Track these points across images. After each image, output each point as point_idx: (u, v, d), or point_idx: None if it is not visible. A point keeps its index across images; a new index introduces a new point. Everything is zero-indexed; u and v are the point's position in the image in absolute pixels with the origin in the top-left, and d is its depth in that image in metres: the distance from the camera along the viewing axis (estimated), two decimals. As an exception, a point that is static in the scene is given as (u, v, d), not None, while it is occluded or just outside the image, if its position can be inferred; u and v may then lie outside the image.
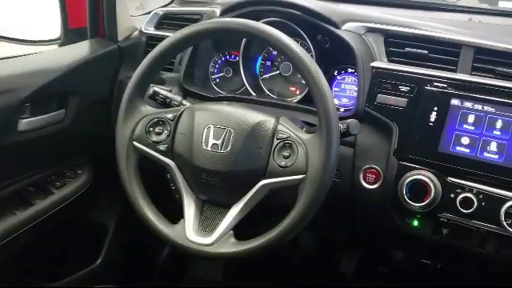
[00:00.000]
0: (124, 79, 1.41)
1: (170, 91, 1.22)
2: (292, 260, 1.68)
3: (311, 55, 1.24)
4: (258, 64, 1.37)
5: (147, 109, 1.10)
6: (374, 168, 1.13)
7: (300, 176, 0.97)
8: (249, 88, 1.34)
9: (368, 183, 1.14)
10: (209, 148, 1.02)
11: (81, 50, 1.41)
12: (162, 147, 1.07)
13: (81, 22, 1.47)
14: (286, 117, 1.05)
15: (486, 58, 1.09)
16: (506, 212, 0.98)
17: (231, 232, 1.02)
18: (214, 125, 1.03)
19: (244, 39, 1.33)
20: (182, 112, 1.08)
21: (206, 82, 1.40)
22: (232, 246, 1.00)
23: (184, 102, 1.18)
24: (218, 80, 1.41)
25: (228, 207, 1.03)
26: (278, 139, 1.01)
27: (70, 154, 1.41)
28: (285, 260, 1.64)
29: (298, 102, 1.29)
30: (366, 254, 1.44)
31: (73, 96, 1.32)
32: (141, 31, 1.47)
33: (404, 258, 1.23)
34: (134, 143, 1.08)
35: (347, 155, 1.16)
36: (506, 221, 0.98)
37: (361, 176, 1.14)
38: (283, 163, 0.99)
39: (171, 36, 1.07)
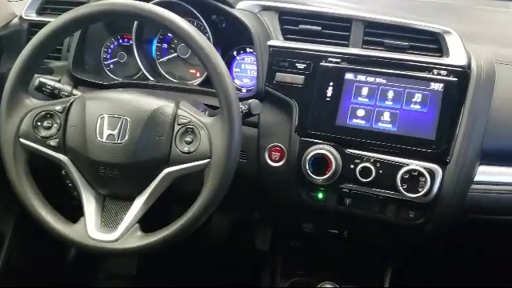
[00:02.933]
0: (5, 71, 1.28)
1: (59, 81, 1.13)
2: (206, 243, 1.68)
3: (207, 36, 1.21)
4: (154, 47, 1.31)
5: (33, 102, 1.02)
6: (278, 146, 1.14)
7: (204, 161, 0.95)
8: (146, 73, 1.29)
9: (273, 161, 1.15)
10: (104, 139, 0.97)
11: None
12: (52, 142, 1.00)
13: None
14: (186, 101, 1.03)
15: (376, 32, 1.13)
16: (402, 178, 1.04)
17: (137, 225, 0.98)
18: (108, 114, 0.97)
19: (136, 21, 1.27)
20: (72, 103, 1.01)
21: (98, 68, 1.32)
22: (138, 240, 0.97)
23: (75, 91, 1.10)
24: (111, 66, 1.34)
25: (131, 200, 0.99)
26: (178, 125, 0.98)
27: None
28: (199, 244, 1.63)
29: (200, 85, 1.26)
30: (278, 230, 1.47)
31: None
32: (21, 18, 1.34)
33: (314, 230, 1.26)
34: (21, 140, 1.00)
35: (252, 135, 1.16)
36: (402, 186, 1.04)
37: (266, 155, 1.15)
38: (186, 149, 0.97)
39: (54, 20, 0.99)
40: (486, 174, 1.05)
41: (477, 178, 1.05)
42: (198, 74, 1.30)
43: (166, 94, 1.12)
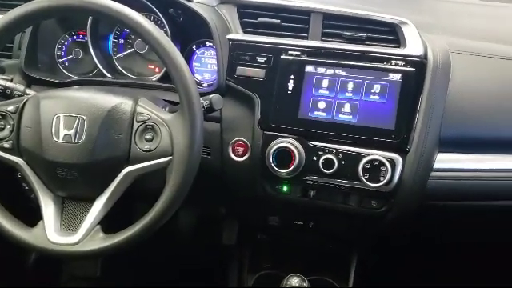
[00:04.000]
0: None
1: (11, 80, 1.09)
2: (172, 240, 1.66)
3: (165, 31, 1.19)
4: (110, 43, 1.28)
5: None
6: (241, 141, 1.14)
7: (166, 158, 0.94)
8: (102, 69, 1.25)
9: (237, 156, 1.14)
10: (61, 140, 0.94)
11: None
12: (6, 144, 0.97)
13: None
14: (145, 97, 1.01)
15: (334, 24, 1.13)
16: (363, 168, 1.05)
17: (98, 227, 0.96)
18: (63, 113, 0.94)
19: (90, 17, 1.23)
20: (25, 102, 0.97)
21: (52, 66, 1.27)
22: (100, 242, 0.94)
23: (28, 91, 1.06)
24: (66, 63, 1.30)
25: (91, 201, 0.97)
26: (138, 122, 0.96)
27: None
28: (165, 241, 1.61)
29: (159, 81, 1.24)
30: (244, 224, 1.46)
31: None
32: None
33: (279, 223, 1.27)
34: None
35: (215, 131, 1.15)
36: (364, 176, 1.05)
37: (230, 150, 1.14)
38: (147, 147, 0.95)
39: (3, 17, 0.95)
40: (444, 161, 1.08)
41: (436, 166, 1.07)
42: (156, 70, 1.28)
43: (123, 90, 1.09)
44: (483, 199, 1.11)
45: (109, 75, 1.25)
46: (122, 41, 1.28)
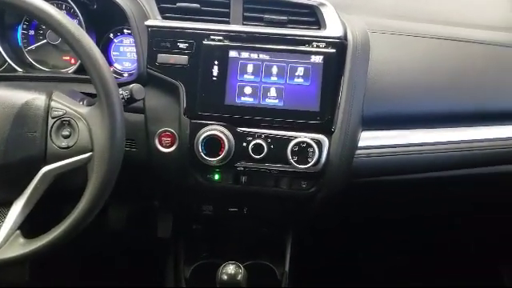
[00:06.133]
0: None
1: None
2: (105, 237, 1.61)
3: (78, 19, 1.13)
4: (19, 34, 1.19)
5: None
6: (168, 131, 1.11)
7: (86, 154, 0.89)
8: (12, 63, 1.16)
9: (165, 147, 1.11)
10: None
11: None
12: None
13: None
14: (60, 91, 0.95)
15: (255, 7, 1.12)
16: (292, 150, 1.06)
17: (18, 232, 0.90)
18: None
19: None
20: None
21: (-46, 62, 1.17)
22: (21, 248, 0.89)
23: None
24: (-29, 58, 1.19)
25: (8, 205, 0.91)
26: (53, 118, 0.91)
27: None
28: (97, 238, 1.56)
29: (75, 72, 1.18)
30: (179, 215, 1.44)
31: None
32: None
33: (214, 211, 1.26)
34: None
35: (139, 122, 1.11)
36: (293, 158, 1.06)
37: (156, 141, 1.11)
38: (64, 144, 0.90)
39: None
40: (369, 138, 1.11)
41: (360, 144, 1.10)
42: (72, 61, 1.21)
43: (36, 85, 1.03)
44: (407, 173, 1.16)
45: (20, 69, 1.16)
46: (32, 32, 1.20)
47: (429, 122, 1.15)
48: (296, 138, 1.06)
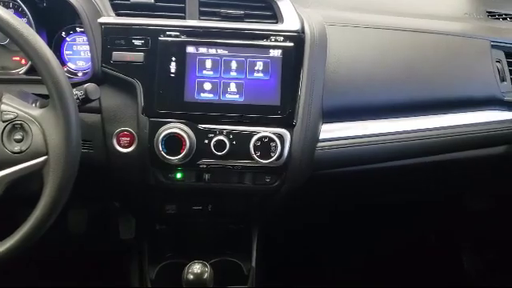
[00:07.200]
0: None
1: None
2: (67, 241, 1.57)
3: (27, 18, 1.09)
4: (-37, 34, 1.13)
5: None
6: (126, 130, 1.08)
7: (41, 159, 0.86)
8: (-44, 66, 1.11)
9: (124, 147, 1.08)
10: None
11: None
12: None
13: None
14: (10, 93, 0.92)
15: (211, 2, 1.11)
16: (254, 146, 1.06)
17: None
18: None
19: None
20: None
21: None
22: None
23: None
24: None
25: None
26: (3, 122, 0.87)
27: None
28: (59, 242, 1.51)
29: (27, 73, 1.13)
30: (141, 216, 1.41)
31: None
32: None
33: (177, 210, 1.24)
34: None
35: (95, 122, 1.08)
36: (255, 154, 1.06)
37: (114, 141, 1.08)
38: (17, 148, 0.87)
39: None
40: (329, 131, 1.12)
41: (321, 136, 1.12)
42: (23, 62, 1.16)
43: None
44: (367, 163, 1.18)
45: (-35, 72, 1.11)
46: (-23, 32, 1.14)
47: (387, 112, 1.17)
48: (258, 132, 1.06)
